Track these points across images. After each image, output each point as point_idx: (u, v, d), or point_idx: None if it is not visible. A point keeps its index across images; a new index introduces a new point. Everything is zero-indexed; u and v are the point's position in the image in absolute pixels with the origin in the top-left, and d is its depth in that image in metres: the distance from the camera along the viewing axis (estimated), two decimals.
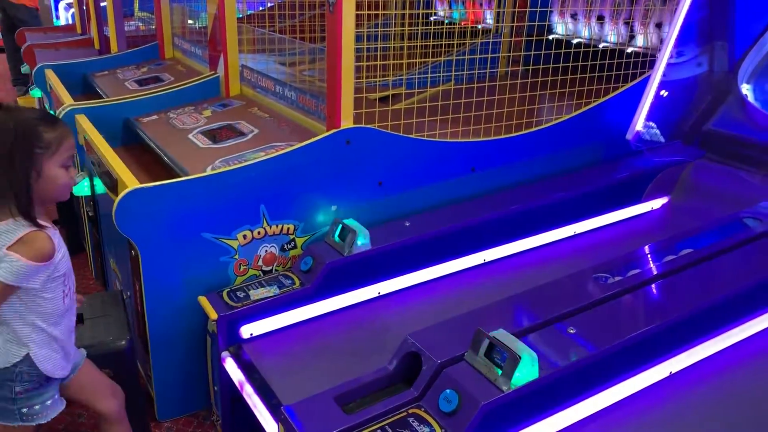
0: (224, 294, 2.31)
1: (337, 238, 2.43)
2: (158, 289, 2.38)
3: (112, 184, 2.50)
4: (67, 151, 1.73)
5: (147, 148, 3.09)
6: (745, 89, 3.20)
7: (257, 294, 2.29)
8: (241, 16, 4.47)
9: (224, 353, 2.24)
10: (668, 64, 3.28)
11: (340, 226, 2.44)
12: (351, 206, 2.63)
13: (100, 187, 2.92)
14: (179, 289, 2.40)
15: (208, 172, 2.44)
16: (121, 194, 2.23)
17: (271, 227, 2.49)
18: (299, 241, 2.58)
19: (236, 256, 2.45)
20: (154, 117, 3.32)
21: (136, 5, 7.19)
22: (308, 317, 2.33)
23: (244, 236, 2.44)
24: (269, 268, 2.54)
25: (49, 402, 1.87)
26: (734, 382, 1.99)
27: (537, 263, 2.74)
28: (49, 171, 1.69)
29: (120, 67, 4.38)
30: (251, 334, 2.25)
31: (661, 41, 3.36)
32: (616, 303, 2.04)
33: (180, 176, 2.49)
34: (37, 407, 1.84)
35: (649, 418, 1.84)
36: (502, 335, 1.74)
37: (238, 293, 2.31)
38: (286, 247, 2.55)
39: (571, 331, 1.87)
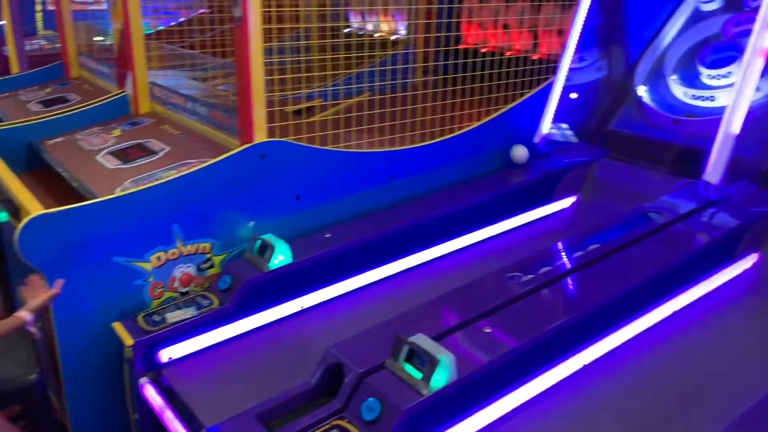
0: (140, 318, 2.25)
1: (256, 254, 2.41)
2: (69, 317, 2.29)
3: (15, 211, 2.39)
4: None
5: (53, 172, 2.97)
6: (642, 91, 3.39)
7: (174, 316, 2.23)
8: (150, 32, 4.37)
9: (142, 379, 2.17)
10: (570, 69, 3.44)
11: (259, 241, 2.42)
12: (269, 221, 2.61)
13: (3, 215, 2.78)
14: (92, 316, 2.32)
15: (117, 193, 2.37)
16: (24, 221, 2.13)
17: (185, 247, 2.44)
18: (216, 260, 2.53)
19: (150, 279, 2.39)
20: (60, 139, 3.19)
21: (39, 23, 6.91)
22: (229, 336, 2.29)
23: (158, 258, 2.38)
24: (186, 290, 2.48)
25: None
26: (645, 368, 2.10)
27: (456, 267, 2.80)
28: None
29: (22, 89, 4.18)
30: (170, 358, 2.19)
31: (563, 48, 3.51)
32: (529, 300, 2.11)
33: (88, 199, 2.40)
34: None
35: (567, 408, 1.92)
36: (421, 340, 1.77)
37: (154, 317, 2.25)
38: (202, 266, 2.50)
39: (487, 330, 1.92)
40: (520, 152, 3.13)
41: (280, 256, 2.37)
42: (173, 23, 5.31)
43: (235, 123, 2.63)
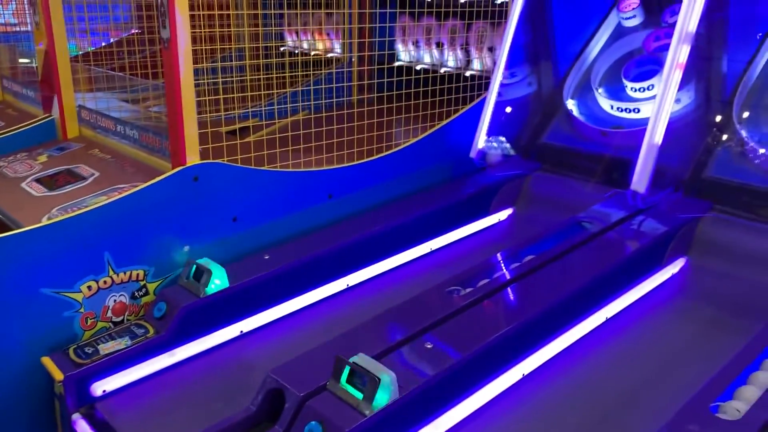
0: (71, 351, 2.16)
1: (191, 280, 2.35)
2: None
3: None
4: None
5: None
6: (570, 104, 3.50)
7: (107, 348, 2.15)
8: (78, 53, 4.25)
9: (75, 415, 2.08)
10: (502, 85, 3.52)
11: (194, 266, 2.36)
12: (205, 245, 2.56)
13: None
14: (19, 351, 2.21)
15: (43, 222, 2.27)
16: None
17: (118, 275, 2.36)
18: (151, 287, 2.46)
19: (81, 310, 2.30)
20: None
21: None
22: (166, 365, 2.22)
23: (89, 287, 2.30)
24: (120, 319, 2.40)
25: None
26: (583, 374, 2.15)
27: (398, 283, 2.80)
28: None
29: None
30: (104, 391, 2.11)
31: (494, 64, 3.60)
32: (468, 313, 2.13)
33: (12, 229, 2.30)
34: None
35: (510, 419, 1.94)
36: (362, 359, 1.76)
37: (86, 349, 2.16)
38: (137, 294, 2.43)
39: (428, 346, 1.93)
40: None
41: (217, 281, 2.32)
42: (103, 44, 5.17)
43: (167, 146, 2.57)
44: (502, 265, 2.46)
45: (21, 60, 4.49)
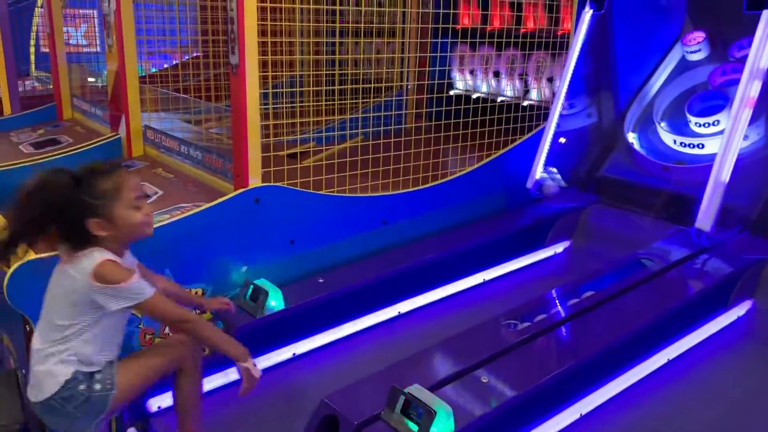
0: None
1: (248, 300, 2.38)
2: None
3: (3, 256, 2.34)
4: (130, 193, 1.77)
5: None
6: (631, 137, 3.44)
7: None
8: (144, 74, 4.41)
9: (130, 430, 2.12)
10: (561, 116, 3.49)
11: (251, 286, 2.39)
12: (262, 266, 2.59)
13: None
14: None
15: None
16: (14, 266, 2.10)
17: None
18: None
19: (141, 325, 2.35)
20: None
21: (32, 64, 6.94)
22: (221, 384, 2.24)
23: None
24: None
25: None
26: (642, 417, 2.07)
27: (451, 312, 2.78)
28: (119, 214, 1.74)
29: (14, 130, 4.17)
30: (159, 407, 2.14)
31: (553, 94, 3.58)
32: (526, 348, 2.09)
33: None
34: None
35: None
36: (417, 390, 1.74)
37: None
38: (195, 311, 2.46)
39: (485, 380, 1.89)
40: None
41: (273, 302, 2.34)
42: (166, 66, 5.36)
43: (230, 168, 2.63)
44: (560, 300, 2.41)
45: (89, 79, 4.68)
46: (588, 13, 3.49)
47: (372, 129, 3.26)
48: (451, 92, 4.33)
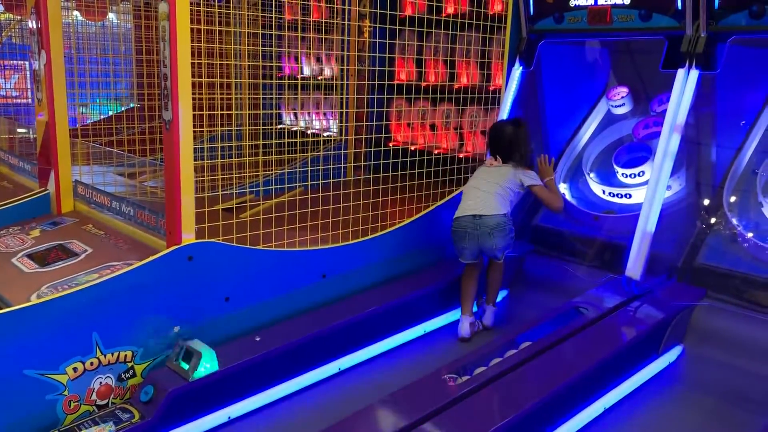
0: None
1: (180, 362, 2.29)
2: None
3: None
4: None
5: None
6: (563, 188, 3.55)
7: None
8: (76, 126, 4.30)
9: None
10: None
11: (184, 348, 2.31)
12: (195, 325, 2.51)
13: None
14: None
15: (32, 301, 2.23)
16: None
17: (105, 356, 2.30)
18: (138, 369, 2.39)
19: (65, 392, 2.22)
20: None
21: None
22: None
23: (75, 369, 2.23)
24: (105, 402, 2.32)
25: None
26: None
27: (391, 367, 2.75)
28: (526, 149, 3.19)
29: None
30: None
31: (487, 148, 3.66)
32: (465, 403, 2.08)
33: (0, 307, 2.25)
34: None
35: None
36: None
37: None
38: (123, 376, 2.36)
39: None
40: None
41: (206, 364, 2.26)
42: (102, 117, 5.25)
43: (162, 224, 2.56)
44: (499, 351, 2.42)
45: (19, 130, 4.54)
46: (518, 70, 3.64)
47: (311, 182, 3.26)
48: (390, 145, 4.38)
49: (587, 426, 2.24)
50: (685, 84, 2.97)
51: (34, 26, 3.26)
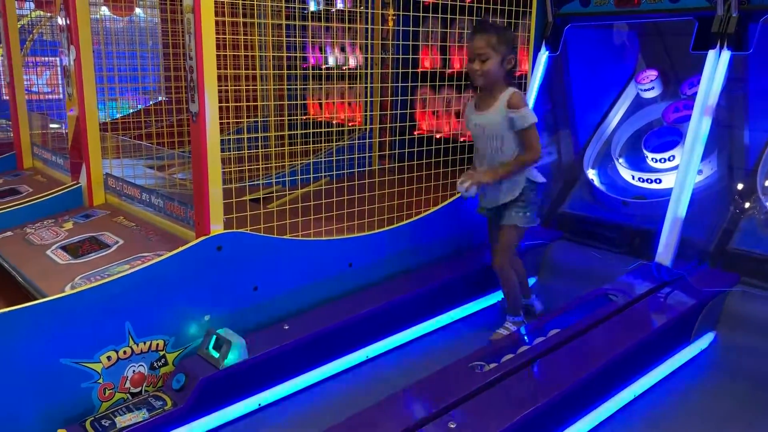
0: (87, 424, 2.12)
1: (211, 350, 2.33)
2: (11, 425, 2.14)
3: None
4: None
5: (0, 269, 2.86)
6: (591, 174, 3.51)
7: (124, 420, 2.12)
8: (105, 120, 4.38)
9: None
10: None
11: (214, 336, 2.35)
12: (225, 314, 2.55)
13: None
14: (35, 423, 2.18)
15: (67, 291, 2.28)
16: None
17: (138, 345, 2.35)
18: (170, 357, 2.44)
19: (100, 380, 2.28)
20: (9, 233, 3.10)
21: None
22: None
23: (108, 358, 2.28)
24: (138, 390, 2.37)
25: None
26: None
27: (418, 354, 2.76)
28: None
29: None
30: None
31: None
32: (493, 391, 2.07)
33: (36, 298, 2.32)
34: None
35: None
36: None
37: (103, 422, 2.13)
38: (156, 364, 2.40)
39: (452, 425, 1.87)
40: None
41: (236, 352, 2.29)
42: (131, 111, 5.34)
43: (191, 215, 2.60)
44: (527, 338, 2.41)
45: (52, 125, 4.63)
46: (544, 55, 3.59)
47: (336, 172, 3.27)
48: (416, 133, 4.37)
49: (617, 413, 2.22)
50: (716, 66, 2.90)
51: (64, 23, 3.31)
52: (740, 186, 3.03)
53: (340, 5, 5.03)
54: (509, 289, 2.82)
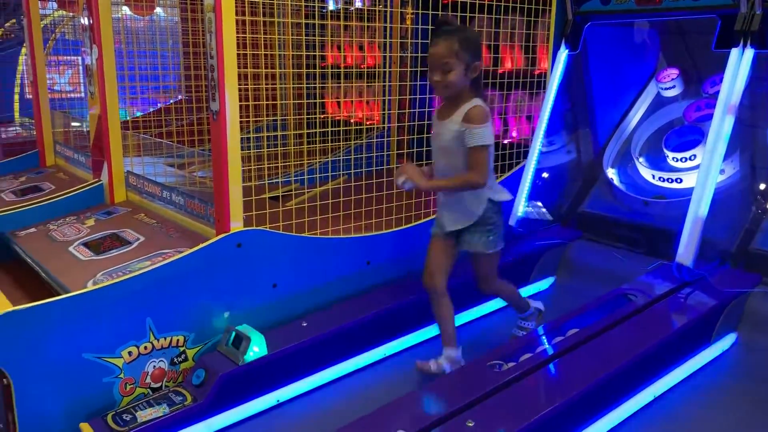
0: (109, 418, 2.15)
1: (230, 346, 2.35)
2: (35, 418, 2.18)
3: None
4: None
5: (24, 264, 2.91)
6: (611, 173, 3.49)
7: (145, 415, 2.15)
8: (126, 119, 4.43)
9: None
10: (541, 153, 3.53)
11: (233, 333, 2.37)
12: (244, 311, 2.57)
13: None
14: (58, 417, 2.21)
15: (89, 287, 2.31)
16: None
17: (158, 341, 2.37)
18: (190, 353, 2.46)
19: (121, 375, 2.31)
20: (32, 230, 3.15)
21: (16, 110, 6.96)
22: None
23: (130, 353, 2.31)
24: (158, 385, 2.40)
25: None
26: None
27: (436, 352, 2.75)
28: None
29: None
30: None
31: (533, 133, 3.63)
32: (511, 390, 2.07)
33: (59, 293, 2.35)
34: None
35: None
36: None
37: (124, 416, 2.16)
38: (176, 360, 2.43)
39: (470, 424, 1.87)
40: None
41: (255, 348, 2.32)
42: (151, 110, 5.39)
43: (212, 212, 2.62)
44: (545, 338, 2.40)
45: (74, 123, 4.69)
46: (564, 53, 3.57)
47: (354, 170, 3.27)
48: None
49: (636, 413, 2.20)
50: (739, 64, 2.86)
51: (86, 22, 3.36)
52: (763, 186, 3.00)
53: (358, 4, 5.04)
54: (508, 297, 2.75)
